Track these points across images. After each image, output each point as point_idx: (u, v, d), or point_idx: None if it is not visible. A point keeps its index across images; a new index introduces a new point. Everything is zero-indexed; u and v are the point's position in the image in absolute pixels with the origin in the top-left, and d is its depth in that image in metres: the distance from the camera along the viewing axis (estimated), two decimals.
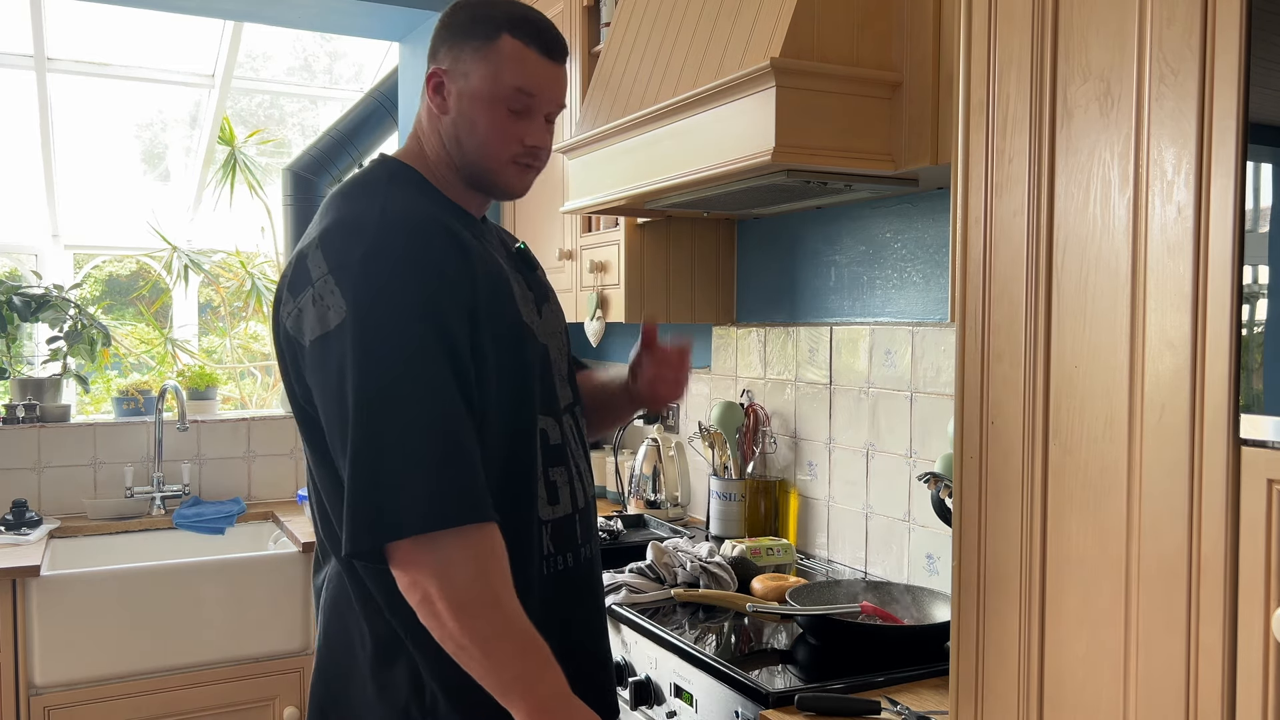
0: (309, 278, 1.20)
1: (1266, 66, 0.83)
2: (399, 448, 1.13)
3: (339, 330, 1.16)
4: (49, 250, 4.32)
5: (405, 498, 1.12)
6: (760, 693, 1.49)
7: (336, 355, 1.16)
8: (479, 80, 1.29)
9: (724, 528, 2.43)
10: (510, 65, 1.28)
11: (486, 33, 1.28)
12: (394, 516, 1.12)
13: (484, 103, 1.29)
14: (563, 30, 2.75)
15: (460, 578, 1.13)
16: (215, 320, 4.53)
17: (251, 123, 4.69)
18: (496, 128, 1.30)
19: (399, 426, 1.13)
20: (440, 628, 1.14)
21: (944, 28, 1.60)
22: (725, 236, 2.64)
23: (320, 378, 1.18)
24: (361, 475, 1.13)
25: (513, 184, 1.35)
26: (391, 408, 1.13)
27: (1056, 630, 1.02)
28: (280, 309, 1.25)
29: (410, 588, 1.14)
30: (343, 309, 1.16)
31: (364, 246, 1.19)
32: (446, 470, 1.13)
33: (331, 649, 1.32)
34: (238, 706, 2.69)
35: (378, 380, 1.14)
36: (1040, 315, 1.03)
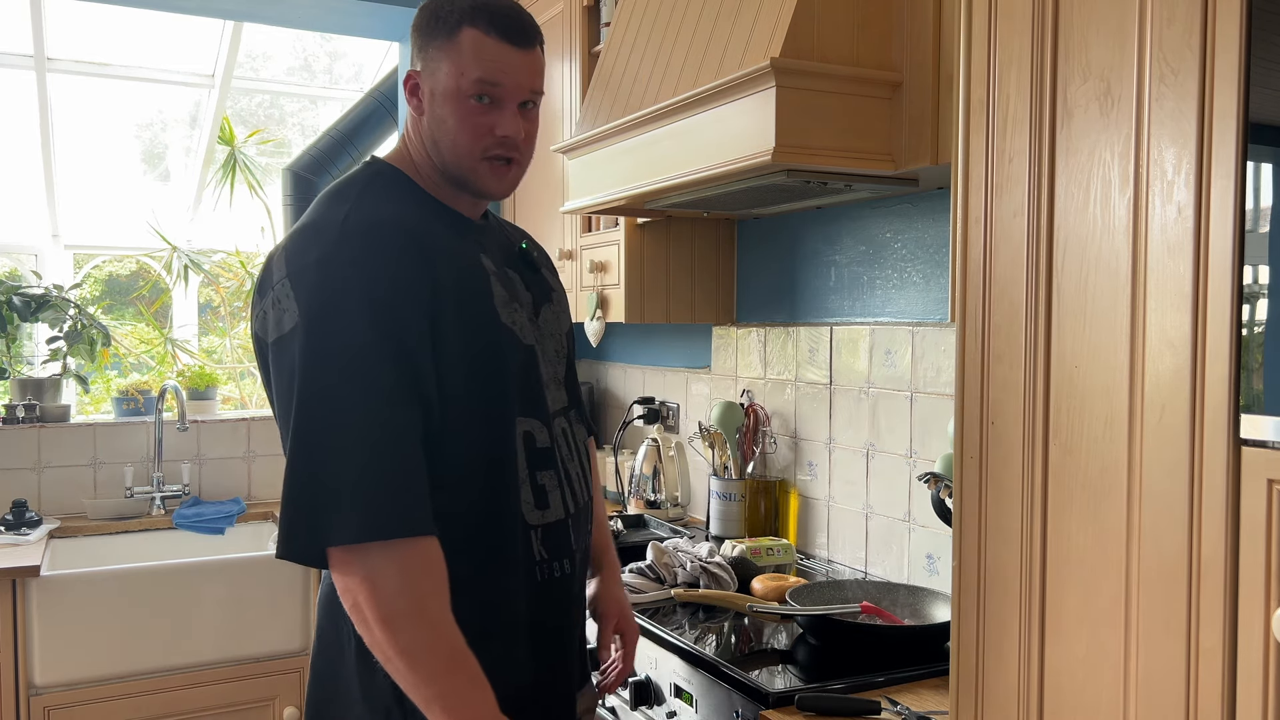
0: (271, 281, 1.21)
1: (1266, 66, 0.83)
2: (335, 457, 1.13)
3: (291, 335, 1.16)
4: (49, 250, 4.32)
5: (337, 507, 1.12)
6: (760, 693, 1.49)
7: (289, 359, 1.17)
8: (445, 76, 1.27)
9: (724, 528, 2.43)
10: (471, 56, 1.26)
11: (448, 28, 1.27)
12: (325, 524, 1.12)
13: (451, 99, 1.27)
14: (563, 30, 2.76)
15: (387, 589, 1.12)
16: (215, 320, 4.53)
17: (251, 123, 4.69)
18: (465, 123, 1.28)
19: (336, 435, 1.13)
20: (369, 636, 1.14)
21: (944, 28, 1.60)
22: (725, 236, 2.64)
23: (276, 380, 1.20)
24: (297, 480, 1.14)
25: (488, 182, 1.32)
26: (330, 416, 1.14)
27: (1056, 630, 1.02)
28: (252, 311, 1.27)
29: (344, 594, 1.15)
30: (295, 314, 1.16)
31: (319, 251, 1.19)
32: (381, 481, 1.13)
33: (323, 647, 1.33)
34: (238, 706, 2.69)
35: (319, 386, 1.14)
36: (1040, 315, 1.03)
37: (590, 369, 3.43)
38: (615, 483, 3.03)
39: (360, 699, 1.26)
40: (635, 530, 2.62)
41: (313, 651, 1.36)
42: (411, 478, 1.15)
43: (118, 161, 4.50)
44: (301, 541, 1.14)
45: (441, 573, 1.16)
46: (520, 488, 1.29)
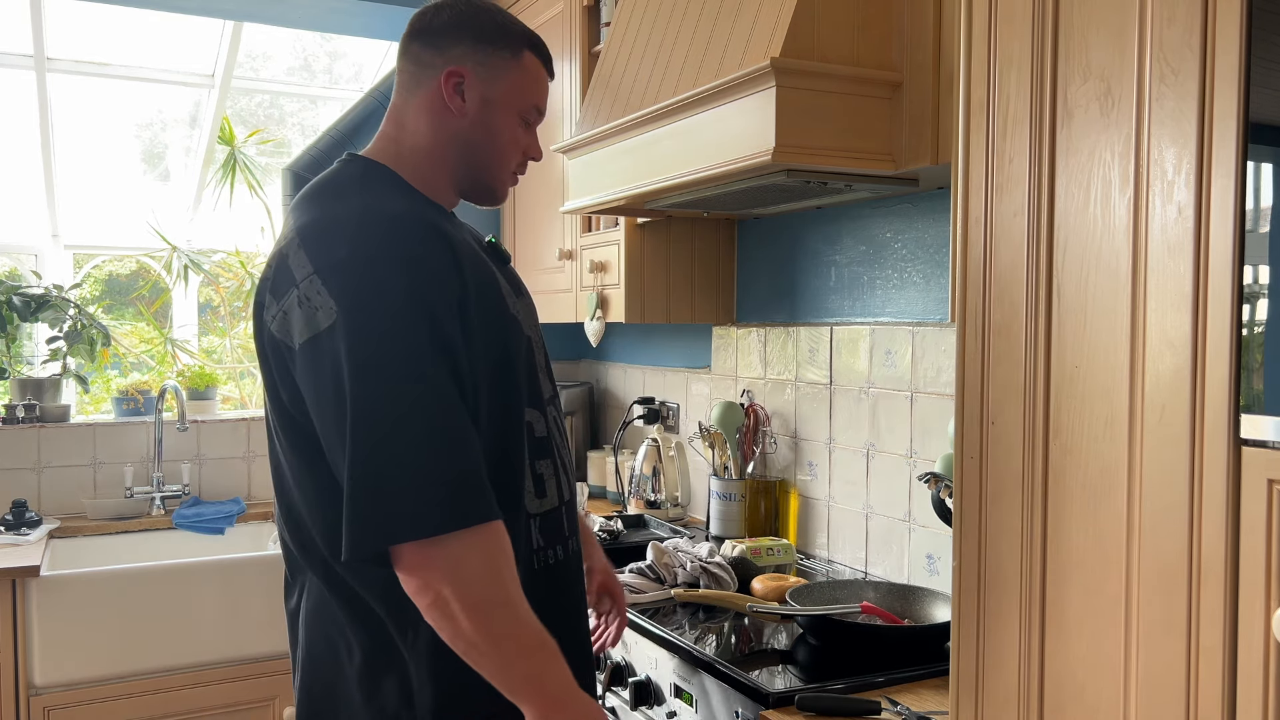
0: (293, 279, 1.18)
1: (1266, 66, 0.83)
2: (402, 448, 1.11)
3: (330, 331, 1.14)
4: (49, 250, 4.32)
5: (413, 499, 1.10)
6: (760, 693, 1.49)
7: (330, 357, 1.14)
8: (506, 90, 1.34)
9: (724, 528, 2.43)
10: (533, 82, 1.36)
11: (513, 46, 1.34)
12: (402, 519, 1.10)
13: (506, 113, 1.34)
14: (563, 30, 2.76)
15: (473, 578, 1.12)
16: (215, 320, 4.53)
17: (251, 123, 4.69)
18: (512, 137, 1.36)
19: (401, 426, 1.11)
20: (453, 629, 1.13)
21: (944, 28, 1.60)
22: (725, 236, 2.64)
23: (313, 380, 1.16)
24: (365, 477, 1.11)
25: (504, 191, 1.40)
26: (391, 408, 1.12)
27: (1056, 630, 1.02)
28: (264, 312, 1.23)
29: (421, 590, 1.12)
30: (332, 309, 1.14)
31: (348, 245, 1.17)
32: (452, 469, 1.12)
33: (315, 663, 1.31)
34: (238, 706, 2.69)
35: (375, 380, 1.12)
36: (1040, 315, 1.03)
37: (590, 369, 3.43)
38: (615, 483, 3.03)
39: (363, 709, 1.25)
40: (635, 530, 2.62)
41: (301, 670, 1.33)
42: (476, 464, 1.15)
43: (118, 161, 4.50)
44: (374, 540, 1.11)
45: (512, 555, 1.17)
46: (524, 477, 1.30)
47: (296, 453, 1.24)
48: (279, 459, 1.31)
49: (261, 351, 1.27)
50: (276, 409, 1.26)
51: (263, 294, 1.24)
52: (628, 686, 1.80)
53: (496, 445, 1.25)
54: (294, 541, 1.31)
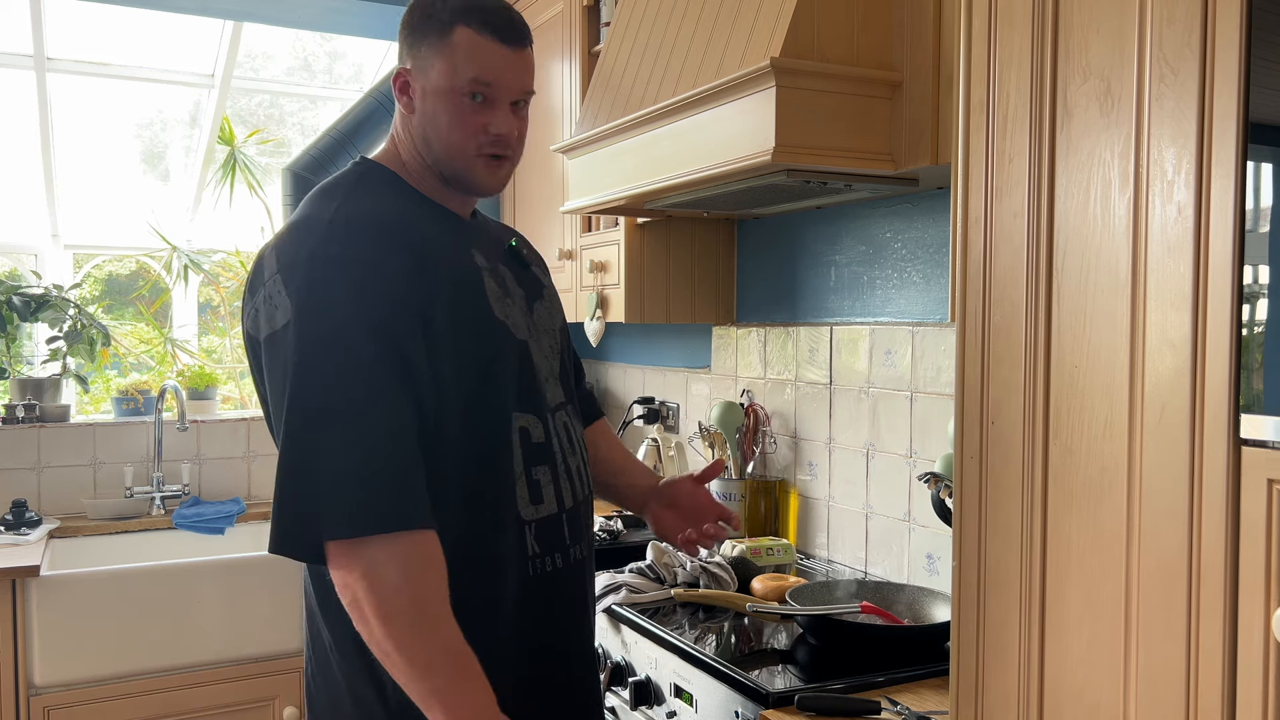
0: (263, 278, 1.22)
1: (1266, 66, 0.83)
2: (329, 450, 1.12)
3: (284, 330, 1.16)
4: (49, 250, 4.32)
5: (333, 500, 1.11)
6: (760, 693, 1.49)
7: (282, 355, 1.17)
8: (438, 75, 1.28)
9: None
10: (465, 55, 1.27)
11: (440, 26, 1.28)
12: (320, 518, 1.12)
13: (445, 97, 1.28)
14: (563, 30, 2.76)
15: (386, 584, 1.11)
16: (215, 320, 4.53)
17: (251, 123, 4.70)
18: (460, 121, 1.29)
19: (330, 429, 1.13)
20: (367, 632, 1.14)
21: (944, 28, 1.60)
22: (725, 236, 2.64)
23: (268, 376, 1.20)
24: (290, 474, 1.14)
25: (483, 179, 1.33)
26: (324, 409, 1.13)
27: (1056, 630, 1.02)
28: (244, 309, 1.27)
29: (342, 589, 1.14)
30: (288, 309, 1.16)
31: (309, 247, 1.19)
32: (377, 475, 1.12)
33: (311, 653, 1.34)
34: (238, 706, 2.69)
35: (313, 380, 1.14)
36: (1040, 315, 1.03)
37: (590, 369, 3.43)
38: None
39: (351, 704, 1.26)
40: (635, 530, 2.62)
41: (305, 655, 1.37)
42: (407, 471, 1.15)
43: (118, 161, 4.50)
44: (296, 536, 1.14)
45: (441, 568, 1.16)
46: (516, 483, 1.29)
47: (274, 444, 1.26)
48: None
49: (246, 347, 1.29)
50: (262, 403, 1.29)
51: (245, 292, 1.28)
52: (628, 686, 1.80)
53: (478, 450, 1.25)
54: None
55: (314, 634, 1.32)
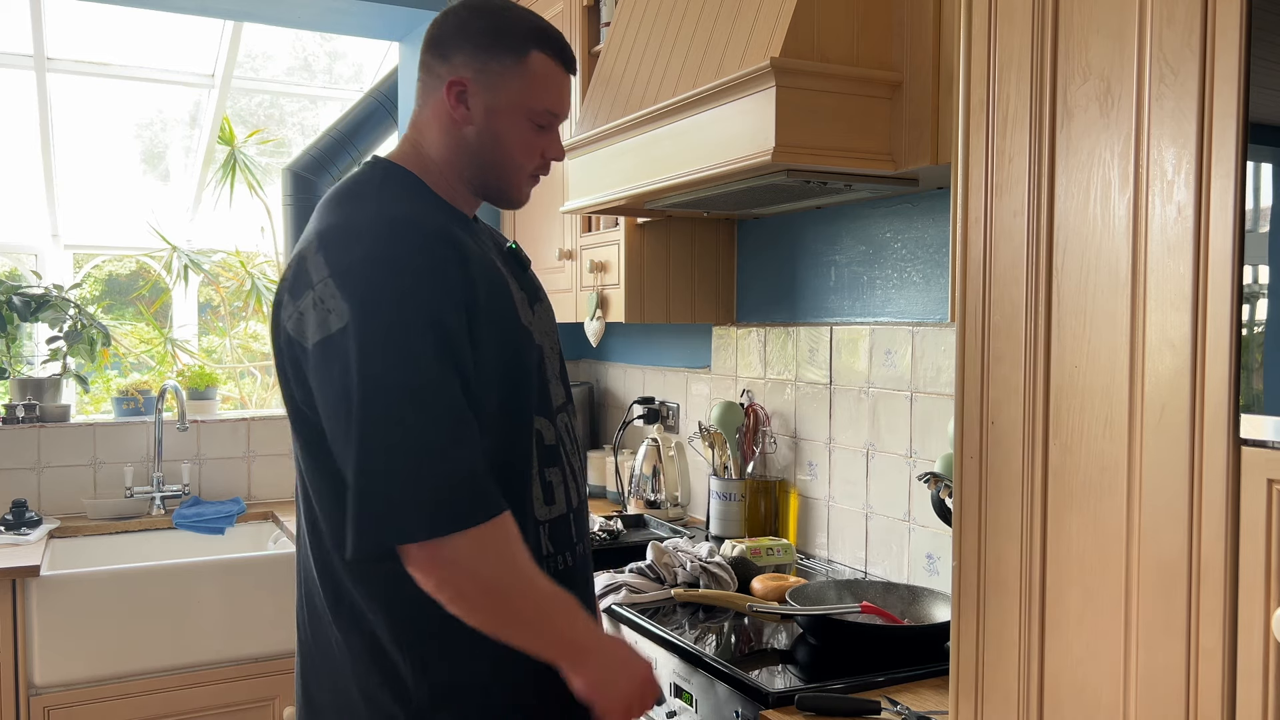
0: (309, 281, 1.19)
1: (1266, 66, 0.83)
2: (408, 450, 1.13)
3: (341, 334, 1.15)
4: (49, 250, 4.32)
5: (420, 501, 1.13)
6: (760, 693, 1.49)
7: (340, 359, 1.15)
8: (510, 97, 1.30)
9: (724, 528, 2.43)
10: (542, 83, 1.31)
11: (515, 47, 1.30)
12: (409, 520, 1.13)
13: (513, 117, 1.31)
14: (563, 30, 2.76)
15: (487, 571, 1.16)
16: (215, 320, 4.53)
17: (251, 123, 4.70)
18: (523, 143, 1.32)
19: (407, 428, 1.13)
20: (475, 617, 1.17)
21: (944, 28, 1.60)
22: (725, 236, 2.64)
23: (323, 381, 1.18)
24: (370, 477, 1.13)
25: (523, 195, 1.38)
26: (397, 410, 1.13)
27: (1056, 630, 1.02)
28: (280, 311, 1.25)
29: (440, 586, 1.15)
30: (345, 313, 1.15)
31: (363, 250, 1.18)
32: (457, 471, 1.14)
33: (314, 661, 1.33)
34: (238, 706, 2.69)
35: (382, 382, 1.13)
36: (1040, 315, 1.03)
37: (590, 369, 3.43)
38: (615, 483, 3.03)
39: (364, 707, 1.25)
40: (635, 530, 2.62)
41: (301, 666, 1.35)
42: (479, 464, 1.17)
43: (118, 161, 4.50)
44: (380, 539, 1.14)
45: (519, 538, 1.20)
46: (532, 484, 1.30)
47: (308, 450, 1.25)
48: (297, 458, 1.32)
49: (278, 350, 1.27)
50: (290, 408, 1.27)
51: (281, 294, 1.25)
52: None
53: (501, 453, 1.26)
54: (310, 535, 1.31)
55: (317, 635, 1.31)
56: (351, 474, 1.14)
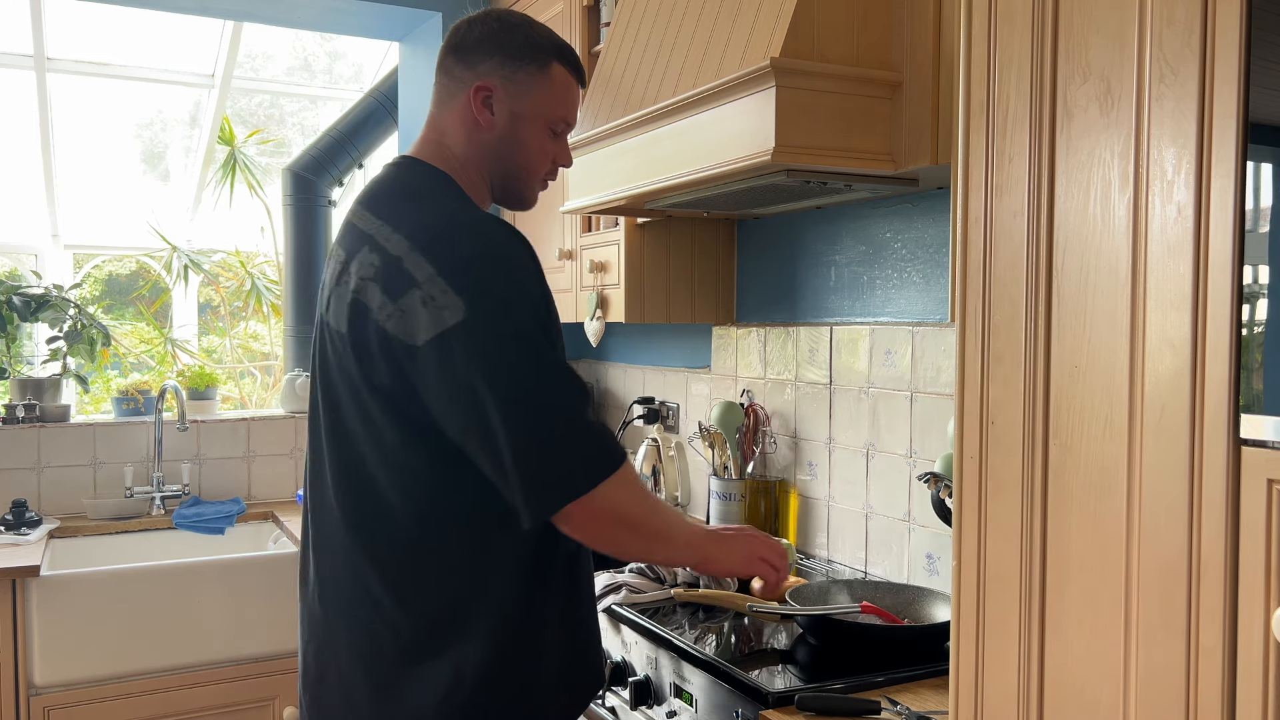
0: (412, 280, 1.24)
1: (1266, 66, 0.83)
2: (559, 417, 1.24)
3: (458, 329, 1.22)
4: (49, 250, 4.32)
5: (582, 457, 1.25)
6: (760, 693, 1.49)
7: (462, 350, 1.22)
8: (533, 104, 1.40)
9: None
10: (561, 94, 1.42)
11: (539, 59, 1.40)
12: (570, 481, 1.25)
13: (534, 124, 1.41)
14: (563, 30, 2.76)
15: (632, 503, 1.31)
16: (215, 320, 4.53)
17: (251, 123, 4.70)
18: (540, 148, 1.43)
19: (552, 400, 1.24)
20: (631, 545, 1.36)
21: (944, 28, 1.60)
22: (725, 236, 2.64)
23: (444, 374, 1.23)
24: (532, 448, 1.22)
25: (535, 197, 1.49)
26: (530, 390, 1.23)
27: (1056, 630, 1.02)
28: (373, 313, 1.27)
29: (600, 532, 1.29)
30: (460, 307, 1.22)
31: (469, 249, 1.26)
32: (597, 426, 1.28)
33: (345, 650, 1.37)
34: (238, 706, 2.69)
35: (512, 368, 1.23)
36: (1040, 315, 1.03)
37: (590, 369, 3.43)
38: None
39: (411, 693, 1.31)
40: None
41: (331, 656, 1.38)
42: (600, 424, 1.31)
43: (118, 161, 4.50)
44: (551, 503, 1.24)
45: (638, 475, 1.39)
46: None
47: (405, 439, 1.29)
48: (348, 449, 1.35)
49: (358, 347, 1.29)
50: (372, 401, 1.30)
51: (367, 294, 1.28)
52: (628, 686, 1.80)
53: None
54: (351, 527, 1.35)
55: (355, 622, 1.35)
56: (509, 452, 1.22)
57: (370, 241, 1.30)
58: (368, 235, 1.31)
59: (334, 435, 1.37)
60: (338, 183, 3.93)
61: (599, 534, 1.30)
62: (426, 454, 1.29)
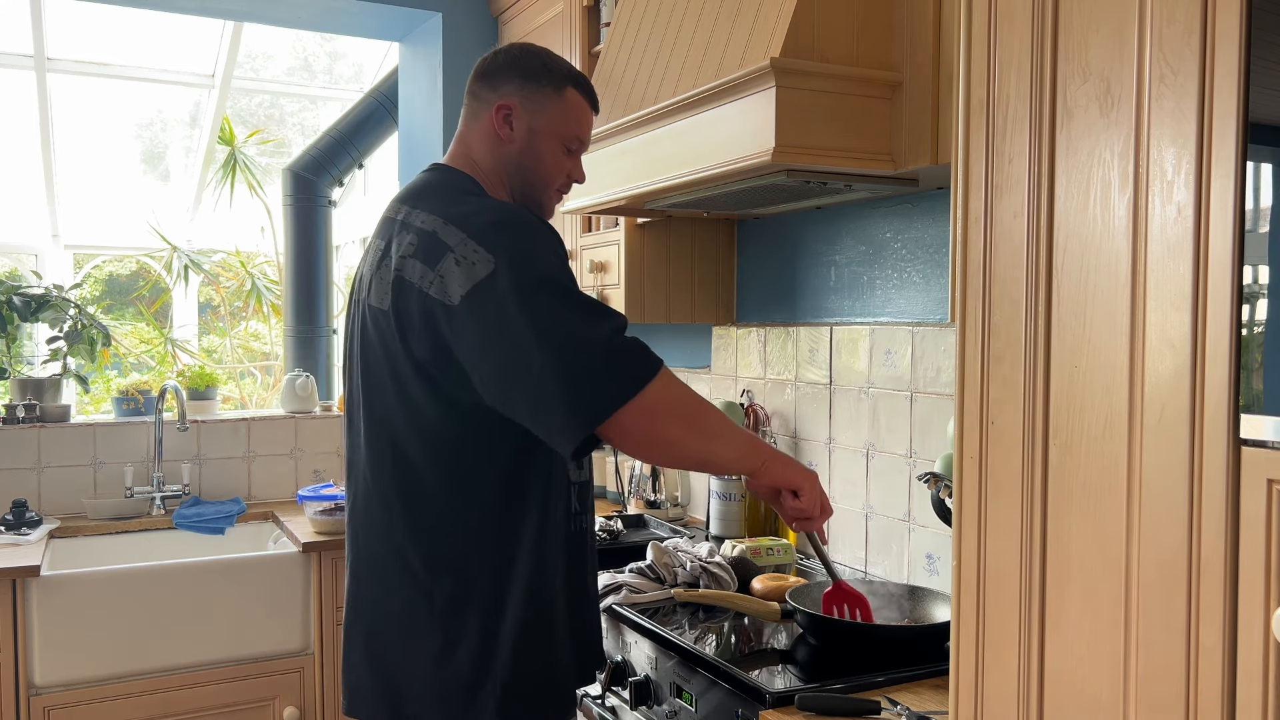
0: (447, 246, 1.35)
1: (1266, 66, 0.83)
2: (596, 336, 1.30)
3: (490, 278, 1.31)
4: (49, 250, 4.32)
5: (623, 367, 1.31)
6: (760, 693, 1.49)
7: (497, 296, 1.30)
8: (548, 122, 1.54)
9: (724, 528, 2.43)
10: (575, 115, 1.56)
11: (556, 83, 1.54)
12: (615, 388, 1.30)
13: (549, 140, 1.54)
14: (562, 30, 2.76)
15: (679, 401, 1.37)
16: (215, 320, 4.53)
17: (251, 123, 4.70)
18: (555, 163, 1.56)
19: (577, 328, 1.30)
20: (686, 446, 1.39)
21: (944, 28, 1.60)
22: (725, 236, 2.64)
23: (481, 318, 1.31)
24: (574, 364, 1.29)
25: (552, 208, 1.61)
26: (566, 316, 1.31)
27: (1056, 630, 1.02)
28: (415, 284, 1.36)
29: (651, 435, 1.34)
30: (490, 260, 1.32)
31: (494, 216, 1.38)
32: (626, 342, 1.34)
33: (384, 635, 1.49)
34: (238, 706, 2.69)
35: (546, 299, 1.31)
36: (1040, 315, 1.03)
37: None
38: (615, 483, 3.03)
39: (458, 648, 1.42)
40: (635, 530, 2.62)
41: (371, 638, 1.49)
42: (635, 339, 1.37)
43: (118, 161, 4.50)
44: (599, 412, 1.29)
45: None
46: None
47: (442, 413, 1.39)
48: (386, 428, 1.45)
49: (400, 319, 1.38)
50: (413, 375, 1.39)
51: (404, 269, 1.38)
52: (628, 686, 1.80)
53: None
54: (387, 505, 1.46)
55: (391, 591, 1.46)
56: (552, 373, 1.28)
57: (407, 226, 1.42)
58: (405, 223, 1.43)
59: (371, 416, 1.47)
60: (338, 183, 3.93)
61: (654, 432, 1.34)
62: (460, 427, 1.40)
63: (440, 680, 1.43)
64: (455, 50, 3.32)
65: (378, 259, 1.46)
